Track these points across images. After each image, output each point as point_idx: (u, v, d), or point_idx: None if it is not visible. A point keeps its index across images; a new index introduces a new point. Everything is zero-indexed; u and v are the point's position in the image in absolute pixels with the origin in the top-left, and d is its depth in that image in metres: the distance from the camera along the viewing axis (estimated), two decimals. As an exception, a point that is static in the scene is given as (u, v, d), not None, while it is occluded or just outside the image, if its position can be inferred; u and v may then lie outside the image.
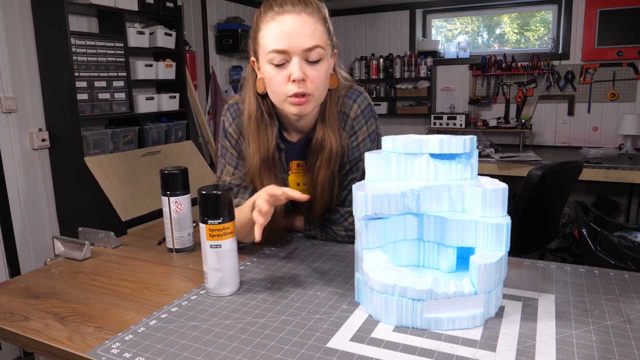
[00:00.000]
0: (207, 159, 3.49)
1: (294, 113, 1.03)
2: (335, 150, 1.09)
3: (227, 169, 1.17)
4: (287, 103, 1.02)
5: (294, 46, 0.97)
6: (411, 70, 4.38)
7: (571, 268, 0.98)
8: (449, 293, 0.74)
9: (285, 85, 1.00)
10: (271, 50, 0.98)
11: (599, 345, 0.70)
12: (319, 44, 0.99)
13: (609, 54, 3.72)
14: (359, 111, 1.12)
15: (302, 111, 1.02)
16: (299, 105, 1.01)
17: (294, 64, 0.98)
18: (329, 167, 1.10)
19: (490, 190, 0.78)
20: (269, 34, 0.99)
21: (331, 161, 1.10)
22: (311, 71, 1.00)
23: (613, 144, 3.75)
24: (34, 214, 2.58)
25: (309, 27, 0.98)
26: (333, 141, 1.09)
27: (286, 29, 0.97)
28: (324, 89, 1.05)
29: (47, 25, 2.47)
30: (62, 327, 0.80)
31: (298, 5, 0.99)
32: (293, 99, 1.00)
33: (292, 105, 1.02)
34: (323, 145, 1.09)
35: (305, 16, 0.98)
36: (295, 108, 1.02)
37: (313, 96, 1.02)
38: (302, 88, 0.99)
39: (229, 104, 1.18)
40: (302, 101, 1.00)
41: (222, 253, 0.88)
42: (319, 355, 0.69)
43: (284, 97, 1.02)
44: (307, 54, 0.98)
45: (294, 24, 0.97)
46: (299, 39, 0.97)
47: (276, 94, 1.03)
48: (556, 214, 2.60)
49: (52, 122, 2.59)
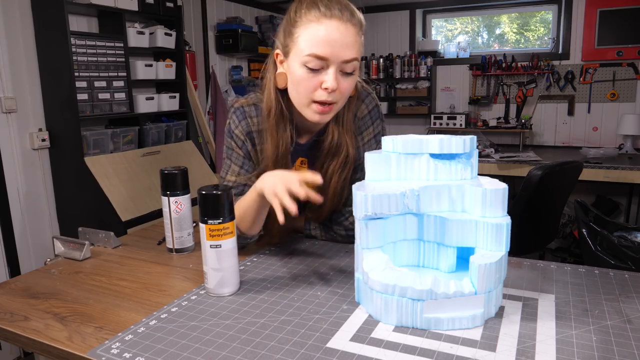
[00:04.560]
0: (207, 159, 3.49)
1: (315, 120, 1.02)
2: (352, 155, 1.08)
3: (232, 169, 1.14)
4: (310, 109, 1.00)
5: (335, 55, 0.95)
6: (411, 70, 4.38)
7: (571, 268, 0.98)
8: (449, 293, 0.74)
9: (314, 91, 0.98)
10: (310, 54, 0.95)
11: (599, 345, 0.70)
12: (357, 57, 0.98)
13: (609, 54, 3.72)
14: (366, 112, 1.12)
15: (323, 119, 1.02)
16: (323, 114, 1.00)
17: (330, 74, 0.96)
18: (343, 172, 1.09)
19: (490, 190, 0.78)
20: (311, 34, 0.95)
21: (346, 166, 1.09)
22: (343, 82, 0.98)
23: (613, 144, 3.75)
24: (34, 214, 2.58)
25: (352, 38, 0.96)
26: (350, 147, 1.08)
27: (331, 36, 0.94)
28: (347, 98, 1.04)
29: (47, 25, 2.47)
30: (62, 327, 0.80)
31: (346, 12, 0.96)
32: (318, 107, 0.99)
33: (314, 113, 1.00)
34: (340, 149, 1.08)
35: (351, 26, 0.96)
36: (318, 116, 1.00)
37: (337, 105, 1.01)
38: (331, 97, 0.98)
39: (235, 107, 1.15)
40: (326, 110, 0.99)
41: (222, 253, 0.88)
42: (319, 355, 0.69)
43: (308, 102, 1.00)
44: (344, 65, 0.96)
45: (339, 32, 0.94)
46: (341, 49, 0.95)
47: (301, 97, 1.01)
48: (556, 214, 2.60)
49: (52, 122, 2.58)
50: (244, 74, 4.17)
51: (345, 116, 1.08)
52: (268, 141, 1.08)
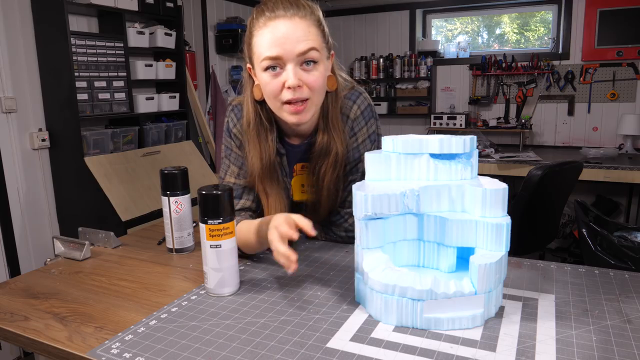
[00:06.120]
0: (207, 159, 3.49)
1: (293, 122, 1.01)
2: (341, 154, 1.08)
3: (231, 169, 1.14)
4: (285, 111, 1.00)
5: (288, 51, 0.95)
6: (411, 70, 4.38)
7: (571, 268, 0.98)
8: (449, 293, 0.74)
9: (280, 93, 0.98)
10: (265, 58, 0.96)
11: (599, 345, 0.70)
12: (314, 46, 0.97)
13: (609, 54, 3.72)
14: (359, 112, 1.11)
15: (301, 119, 1.00)
16: (297, 114, 0.99)
17: (289, 71, 0.96)
18: (334, 171, 1.09)
19: (490, 190, 0.78)
20: (261, 40, 0.97)
21: (337, 165, 1.09)
22: (307, 76, 0.97)
23: (613, 144, 3.75)
24: (34, 214, 2.58)
25: (302, 31, 0.96)
26: (339, 145, 1.07)
27: (279, 35, 0.95)
28: (321, 92, 1.03)
29: (47, 25, 2.47)
30: (62, 327, 0.80)
31: (290, 9, 0.96)
32: (290, 107, 0.98)
33: (290, 114, 1.00)
34: (328, 150, 1.07)
35: (298, 20, 0.96)
36: (294, 117, 1.00)
37: (312, 101, 1.00)
38: (298, 94, 0.97)
39: (232, 105, 1.16)
40: (300, 109, 0.98)
41: (222, 253, 0.88)
42: (319, 355, 0.69)
43: (280, 105, 1.00)
44: (301, 58, 0.96)
45: (286, 28, 0.95)
46: (292, 43, 0.95)
47: (272, 102, 1.01)
48: (556, 214, 2.60)
49: (52, 122, 2.58)
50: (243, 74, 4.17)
51: (331, 114, 1.08)
52: (251, 153, 1.08)
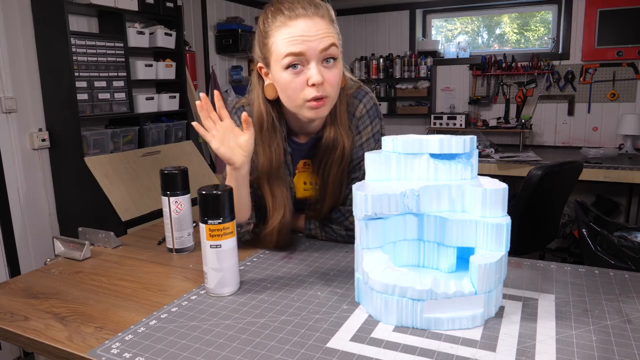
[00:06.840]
0: (207, 159, 3.49)
1: (311, 117, 1.03)
2: (348, 149, 1.10)
3: None
4: (305, 108, 1.02)
5: (311, 48, 0.97)
6: (411, 70, 4.38)
7: (571, 268, 0.98)
8: (449, 293, 0.74)
9: (303, 90, 1.00)
10: (288, 54, 0.97)
11: (599, 345, 0.70)
12: (334, 43, 0.99)
13: (609, 54, 3.72)
14: (364, 111, 1.12)
15: (319, 114, 1.03)
16: (317, 109, 1.01)
17: (312, 68, 0.98)
18: (340, 165, 1.10)
19: (490, 190, 0.78)
20: (283, 38, 0.98)
21: (343, 160, 1.10)
22: (328, 73, 1.00)
23: (613, 144, 3.75)
24: (34, 214, 2.58)
25: (323, 29, 0.98)
26: (345, 140, 1.09)
27: (301, 32, 0.97)
28: (338, 89, 1.05)
29: (47, 25, 2.47)
30: (62, 327, 0.80)
31: (309, 8, 0.98)
32: (312, 103, 1.00)
33: (310, 110, 1.01)
34: (335, 144, 1.09)
35: (318, 19, 0.98)
36: (313, 112, 1.02)
37: (330, 98, 1.02)
38: (321, 91, 0.99)
39: (236, 107, 1.17)
40: (319, 104, 1.00)
41: (222, 253, 0.88)
42: (319, 355, 0.69)
43: (302, 102, 1.01)
44: (323, 55, 0.98)
45: (308, 27, 0.97)
46: (315, 41, 0.97)
47: (293, 100, 1.02)
48: (556, 214, 2.60)
49: (52, 122, 2.59)
50: (244, 74, 4.17)
51: (339, 110, 1.10)
52: (260, 154, 1.09)
